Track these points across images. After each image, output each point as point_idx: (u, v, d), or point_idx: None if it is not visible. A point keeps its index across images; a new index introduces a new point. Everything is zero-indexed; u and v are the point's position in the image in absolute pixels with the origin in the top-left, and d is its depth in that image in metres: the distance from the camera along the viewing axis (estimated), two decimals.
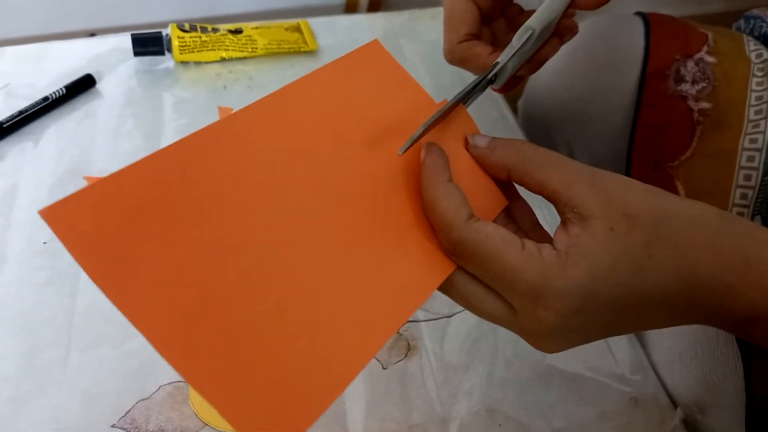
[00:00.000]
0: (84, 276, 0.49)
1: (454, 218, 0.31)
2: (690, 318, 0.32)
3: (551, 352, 0.33)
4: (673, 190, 0.56)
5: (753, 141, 0.53)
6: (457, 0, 0.43)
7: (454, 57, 0.44)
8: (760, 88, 0.53)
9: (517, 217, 0.36)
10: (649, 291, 0.30)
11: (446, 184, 0.32)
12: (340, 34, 0.71)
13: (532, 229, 0.35)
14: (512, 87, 0.47)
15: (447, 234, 0.32)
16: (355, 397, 0.43)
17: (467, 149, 0.35)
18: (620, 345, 0.46)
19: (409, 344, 0.46)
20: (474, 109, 0.62)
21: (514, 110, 0.66)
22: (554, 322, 0.30)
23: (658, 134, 0.58)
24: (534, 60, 0.44)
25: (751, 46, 0.56)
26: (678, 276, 0.30)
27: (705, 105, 0.54)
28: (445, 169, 0.33)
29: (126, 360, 0.45)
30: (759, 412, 0.39)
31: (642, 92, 0.59)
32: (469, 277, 0.32)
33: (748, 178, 0.54)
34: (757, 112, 0.53)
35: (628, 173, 0.60)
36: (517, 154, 0.33)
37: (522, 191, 0.35)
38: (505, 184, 0.36)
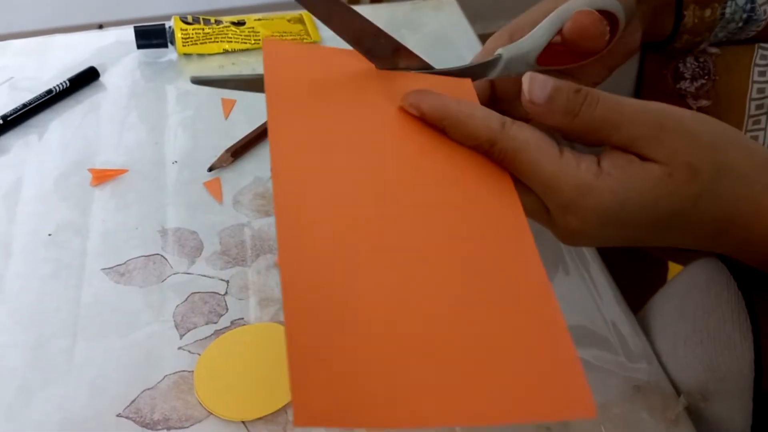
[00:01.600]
0: (89, 267, 0.49)
1: (489, 128, 0.31)
2: (712, 248, 0.35)
3: (572, 245, 0.37)
4: None
5: (753, 138, 0.53)
6: None
7: None
8: (762, 78, 0.53)
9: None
10: (683, 228, 0.32)
11: (457, 103, 0.32)
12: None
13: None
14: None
15: (487, 150, 0.32)
16: None
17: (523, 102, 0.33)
18: (624, 332, 0.46)
19: None
20: None
21: None
22: (581, 229, 0.32)
23: None
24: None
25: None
26: (715, 224, 0.32)
27: (704, 103, 0.54)
28: (443, 95, 0.32)
29: (131, 350, 0.45)
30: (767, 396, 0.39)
31: (639, 94, 0.58)
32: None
33: None
34: (758, 107, 0.53)
35: None
36: (576, 120, 0.32)
37: None
38: None
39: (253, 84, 0.37)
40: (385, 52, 0.36)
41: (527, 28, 0.41)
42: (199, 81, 0.35)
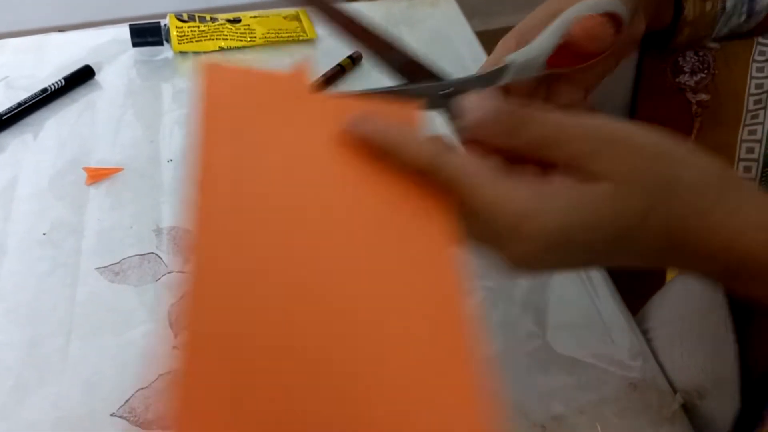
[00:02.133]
0: (84, 266, 0.49)
1: (425, 158, 0.30)
2: (666, 266, 0.33)
3: (529, 272, 0.33)
4: None
5: (752, 132, 0.53)
6: None
7: None
8: (760, 74, 0.53)
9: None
10: (630, 248, 0.30)
11: (397, 129, 0.31)
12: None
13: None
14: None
15: (427, 178, 0.30)
16: None
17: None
18: (620, 330, 0.46)
19: None
20: None
21: None
22: (527, 256, 0.30)
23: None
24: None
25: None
26: (664, 240, 0.30)
27: (703, 96, 0.54)
28: (383, 118, 0.31)
29: (126, 349, 0.45)
30: (754, 395, 0.39)
31: (638, 88, 0.58)
32: None
33: (748, 170, 0.53)
34: (756, 102, 0.53)
35: None
36: (512, 139, 0.31)
37: None
38: None
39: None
40: (401, 65, 0.37)
41: (533, 32, 0.41)
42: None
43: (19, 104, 0.60)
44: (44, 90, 0.61)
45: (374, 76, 0.65)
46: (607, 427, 0.41)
